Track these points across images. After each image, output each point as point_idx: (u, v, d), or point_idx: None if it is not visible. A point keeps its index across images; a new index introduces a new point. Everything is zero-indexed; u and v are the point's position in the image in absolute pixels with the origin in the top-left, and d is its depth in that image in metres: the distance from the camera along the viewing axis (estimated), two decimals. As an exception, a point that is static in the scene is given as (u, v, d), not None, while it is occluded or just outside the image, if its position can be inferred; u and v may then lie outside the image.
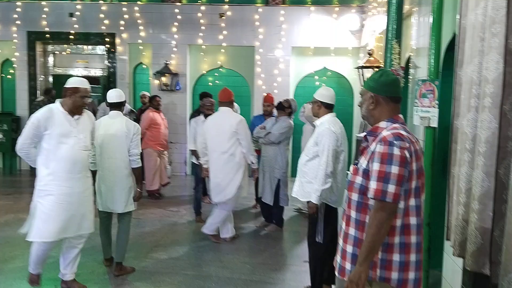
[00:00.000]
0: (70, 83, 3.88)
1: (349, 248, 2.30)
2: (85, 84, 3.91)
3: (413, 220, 2.22)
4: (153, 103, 7.90)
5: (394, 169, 2.11)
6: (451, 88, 4.40)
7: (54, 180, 3.77)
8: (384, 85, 2.33)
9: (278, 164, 6.01)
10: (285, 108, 6.19)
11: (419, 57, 5.10)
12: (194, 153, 6.38)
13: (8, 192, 7.95)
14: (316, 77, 9.88)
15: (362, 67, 6.66)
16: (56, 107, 3.83)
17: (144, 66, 10.19)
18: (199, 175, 6.18)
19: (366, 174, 2.23)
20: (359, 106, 2.48)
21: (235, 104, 6.14)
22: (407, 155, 2.14)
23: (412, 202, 2.21)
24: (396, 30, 4.90)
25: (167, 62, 9.62)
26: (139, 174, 4.56)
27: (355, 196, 2.28)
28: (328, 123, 4.03)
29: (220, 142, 5.34)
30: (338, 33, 9.45)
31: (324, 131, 3.96)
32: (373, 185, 2.14)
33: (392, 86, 2.34)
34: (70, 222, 3.86)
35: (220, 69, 10.12)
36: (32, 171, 9.20)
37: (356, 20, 9.31)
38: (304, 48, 9.68)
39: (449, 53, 4.39)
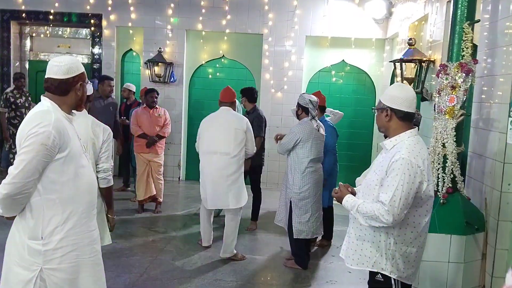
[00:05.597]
0: (71, 69, 2.41)
1: None
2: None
3: None
4: (148, 98, 6.38)
5: None
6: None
7: (75, 228, 2.38)
8: None
9: (288, 182, 4.69)
10: (300, 111, 4.74)
11: (493, 48, 3.81)
12: None
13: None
14: (333, 72, 8.55)
15: (402, 61, 5.34)
16: (55, 110, 2.36)
17: (134, 53, 8.85)
18: None
19: None
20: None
21: (237, 103, 5.39)
22: None
23: None
24: (467, 9, 3.60)
25: (161, 50, 8.28)
26: (109, 196, 3.30)
27: None
28: (406, 150, 2.46)
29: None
30: (360, 22, 8.17)
31: (399, 163, 2.43)
32: None
33: None
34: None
35: (222, 60, 8.77)
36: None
37: (382, 7, 7.96)
38: (320, 38, 8.36)
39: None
